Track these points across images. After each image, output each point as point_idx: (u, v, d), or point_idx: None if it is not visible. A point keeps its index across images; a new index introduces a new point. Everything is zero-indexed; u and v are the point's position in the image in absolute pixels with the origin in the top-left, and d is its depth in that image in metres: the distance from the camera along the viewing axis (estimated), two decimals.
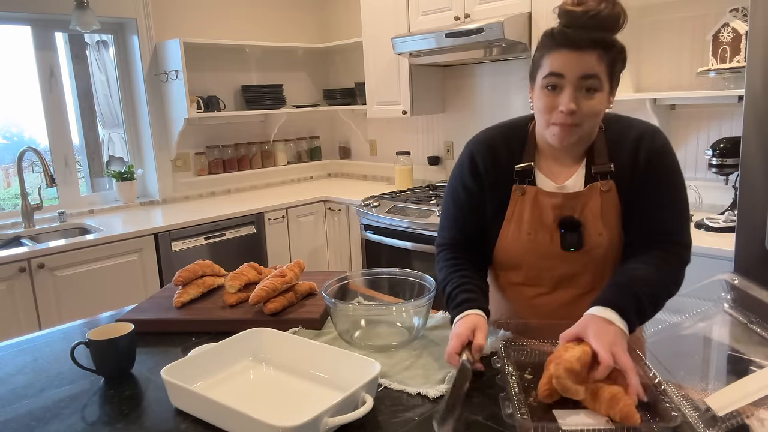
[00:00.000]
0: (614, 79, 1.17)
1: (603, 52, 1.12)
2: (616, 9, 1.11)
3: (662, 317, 1.15)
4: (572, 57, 1.11)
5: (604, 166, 1.21)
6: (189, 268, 1.53)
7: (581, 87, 1.13)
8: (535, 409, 0.95)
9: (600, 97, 1.14)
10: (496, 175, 1.28)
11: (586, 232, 1.22)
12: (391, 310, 1.27)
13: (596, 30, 1.11)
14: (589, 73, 1.11)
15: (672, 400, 0.90)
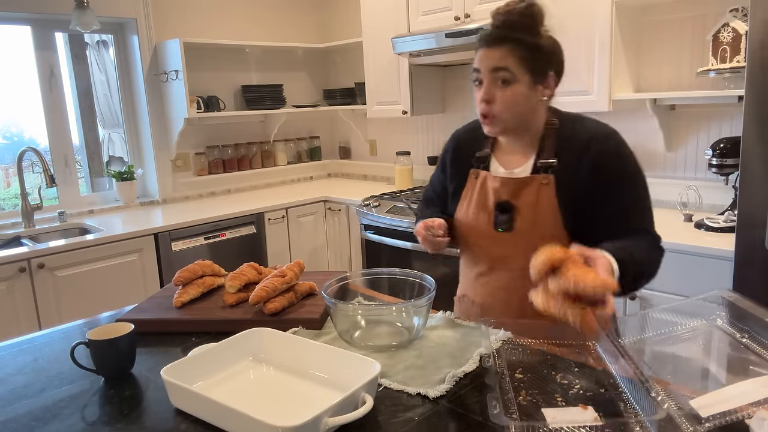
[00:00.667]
0: (536, 72, 1.26)
1: (513, 47, 1.23)
2: (528, 10, 1.24)
3: (657, 327, 1.16)
4: (485, 53, 1.26)
5: (547, 161, 1.31)
6: (189, 268, 1.53)
7: (496, 79, 1.25)
8: (525, 408, 0.95)
9: (515, 89, 1.25)
10: (459, 161, 1.46)
11: (518, 217, 1.31)
12: (391, 310, 1.27)
13: (507, 29, 1.24)
14: (499, 65, 1.24)
15: (657, 396, 0.90)
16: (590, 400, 0.96)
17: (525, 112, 1.29)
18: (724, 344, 1.10)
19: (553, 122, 1.33)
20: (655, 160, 2.72)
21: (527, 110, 1.29)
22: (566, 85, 2.64)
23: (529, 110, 1.30)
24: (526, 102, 1.27)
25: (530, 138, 1.34)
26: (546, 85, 1.30)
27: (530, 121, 1.32)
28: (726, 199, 2.42)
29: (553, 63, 1.31)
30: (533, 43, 1.25)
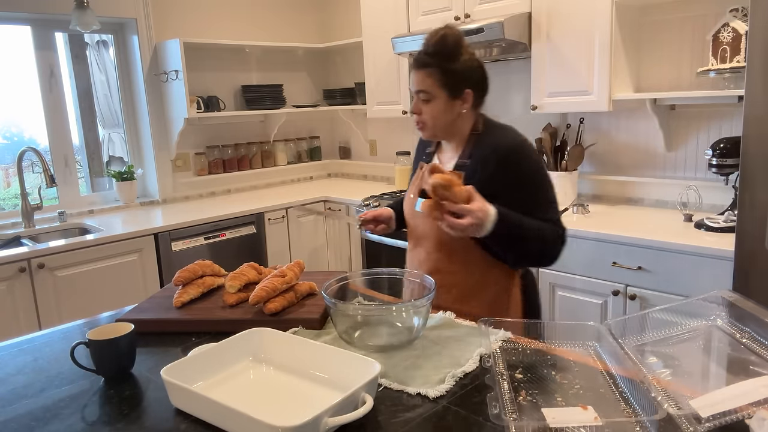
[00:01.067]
0: (452, 90, 1.51)
1: (430, 71, 1.50)
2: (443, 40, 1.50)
3: (658, 327, 1.16)
4: (413, 75, 1.55)
5: (462, 160, 1.57)
6: (189, 268, 1.53)
7: (420, 97, 1.54)
8: (525, 408, 0.95)
9: (435, 104, 1.52)
10: (418, 156, 1.78)
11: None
12: (391, 310, 1.27)
13: (426, 56, 1.51)
14: (419, 88, 1.53)
15: (657, 396, 0.90)
16: (590, 400, 0.96)
17: (447, 121, 1.56)
18: (724, 344, 1.09)
19: (477, 129, 1.59)
20: (655, 160, 2.72)
21: (449, 120, 1.56)
22: (566, 85, 2.67)
23: (451, 120, 1.56)
24: (446, 114, 1.54)
25: (458, 141, 1.61)
26: (464, 100, 1.54)
27: (455, 128, 1.59)
28: (726, 199, 2.42)
29: (469, 81, 1.55)
30: (446, 67, 1.50)
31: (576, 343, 1.17)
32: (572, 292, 2.46)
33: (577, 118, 2.91)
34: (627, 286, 2.28)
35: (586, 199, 2.92)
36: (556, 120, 3.00)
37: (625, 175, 2.83)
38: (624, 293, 2.29)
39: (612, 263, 2.30)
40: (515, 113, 3.21)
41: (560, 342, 1.18)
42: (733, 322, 1.12)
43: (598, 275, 2.36)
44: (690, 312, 1.17)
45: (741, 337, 1.08)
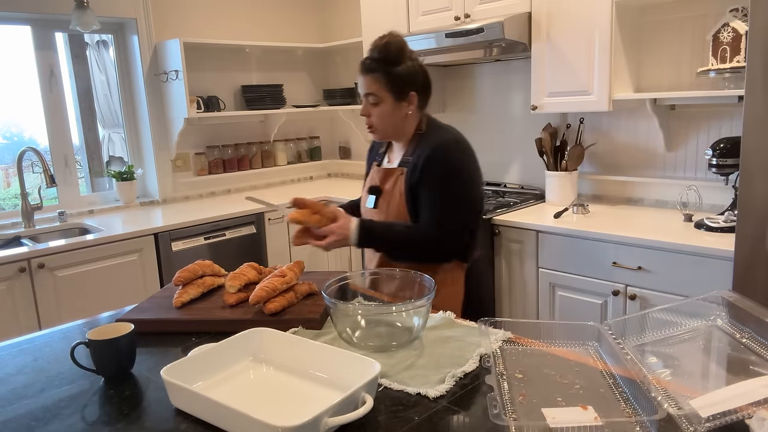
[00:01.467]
0: (397, 93, 1.63)
1: (377, 76, 1.62)
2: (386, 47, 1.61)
3: (658, 327, 1.16)
4: (361, 79, 1.66)
5: (404, 158, 1.70)
6: (189, 268, 1.53)
7: (369, 101, 1.66)
8: (525, 408, 0.95)
9: (383, 107, 1.64)
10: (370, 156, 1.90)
11: (381, 199, 1.73)
12: (391, 310, 1.27)
13: (372, 61, 1.63)
14: (368, 91, 1.65)
15: (657, 396, 0.90)
16: (590, 400, 0.96)
17: (395, 122, 1.68)
18: (724, 344, 1.09)
19: (420, 130, 1.71)
20: (655, 160, 2.72)
21: (396, 121, 1.68)
22: (566, 85, 2.67)
23: (399, 121, 1.68)
24: (393, 116, 1.66)
25: (405, 141, 1.73)
26: (409, 102, 1.66)
27: (402, 128, 1.70)
28: (726, 199, 2.42)
29: (413, 84, 1.65)
30: (391, 71, 1.62)
31: (576, 343, 1.17)
32: (572, 292, 2.47)
33: (577, 118, 2.91)
34: (627, 286, 2.28)
35: (586, 199, 2.92)
36: (556, 120, 3.00)
37: (625, 175, 2.83)
38: (624, 293, 2.29)
39: (612, 263, 2.30)
40: (515, 113, 3.21)
41: (560, 342, 1.18)
42: (733, 322, 1.12)
43: (598, 275, 2.36)
44: (690, 312, 1.17)
45: (741, 337, 1.08)
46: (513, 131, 3.24)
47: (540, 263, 2.55)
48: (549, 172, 2.89)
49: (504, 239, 2.67)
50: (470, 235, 1.70)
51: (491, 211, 2.72)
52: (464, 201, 1.65)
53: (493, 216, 2.68)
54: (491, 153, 3.36)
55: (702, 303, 1.17)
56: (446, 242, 1.65)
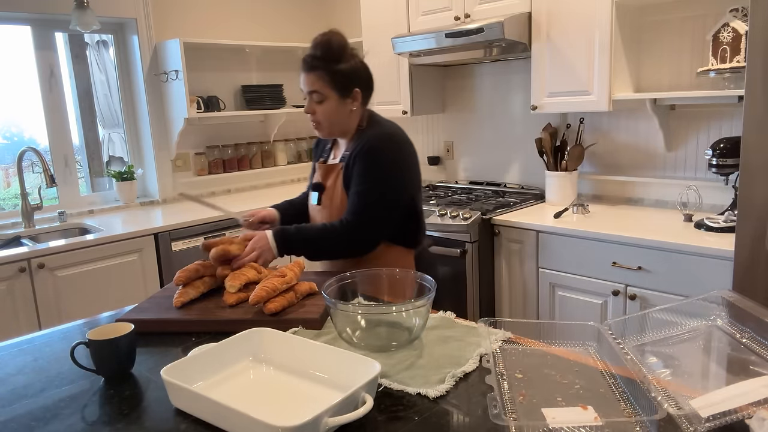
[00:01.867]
0: (341, 90, 1.65)
1: (320, 74, 1.63)
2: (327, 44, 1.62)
3: (658, 327, 1.16)
4: (304, 77, 1.66)
5: (344, 154, 1.74)
6: (190, 268, 1.53)
7: (314, 98, 1.67)
8: (525, 408, 0.95)
9: (328, 104, 1.67)
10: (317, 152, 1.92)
11: (324, 195, 1.76)
12: (391, 310, 1.27)
13: (314, 59, 1.63)
14: (311, 89, 1.66)
15: (657, 396, 0.90)
16: (590, 400, 0.96)
17: (340, 119, 1.71)
18: (724, 344, 1.09)
19: (361, 126, 1.74)
20: (655, 160, 2.72)
21: (342, 118, 1.71)
22: (566, 85, 2.67)
23: (343, 118, 1.71)
24: (338, 113, 1.69)
25: (348, 137, 1.76)
26: (354, 98, 1.68)
27: (347, 125, 1.73)
28: (726, 199, 2.42)
29: (356, 81, 1.67)
30: (335, 68, 1.63)
31: (576, 343, 1.17)
32: (572, 292, 2.47)
33: (577, 118, 2.91)
34: (627, 286, 2.28)
35: (586, 199, 2.92)
36: (556, 120, 3.00)
37: (625, 175, 2.83)
38: (624, 293, 2.29)
39: (612, 263, 2.30)
40: (515, 113, 3.21)
41: (560, 342, 1.18)
42: (733, 322, 1.12)
43: (598, 275, 2.36)
44: (690, 312, 1.17)
45: (741, 337, 1.08)
46: (513, 131, 3.24)
47: (540, 263, 2.55)
48: (549, 172, 2.89)
49: (504, 239, 2.67)
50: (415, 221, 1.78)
51: (491, 211, 2.72)
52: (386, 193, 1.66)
53: (493, 216, 2.69)
54: (491, 153, 3.36)
55: (702, 303, 1.17)
56: (362, 233, 1.66)
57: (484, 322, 1.18)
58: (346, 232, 1.65)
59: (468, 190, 3.33)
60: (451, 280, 2.75)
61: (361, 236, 1.67)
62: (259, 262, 1.56)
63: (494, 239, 2.71)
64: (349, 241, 1.67)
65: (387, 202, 1.67)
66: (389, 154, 1.67)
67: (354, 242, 1.68)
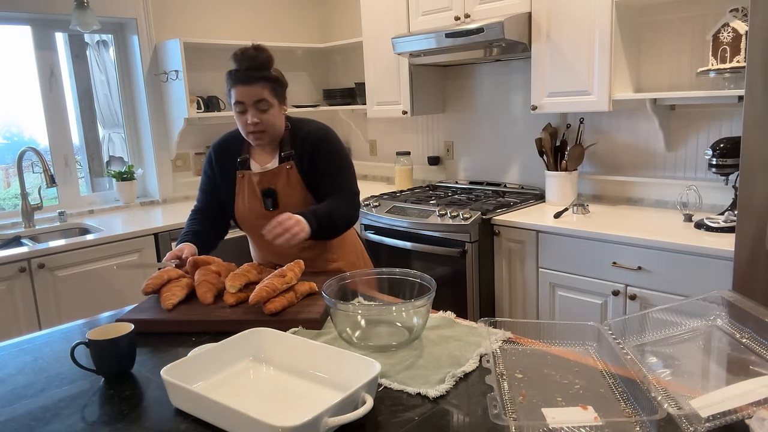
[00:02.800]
0: (280, 96, 1.76)
1: (264, 83, 1.71)
2: (263, 55, 1.74)
3: (659, 327, 1.16)
4: (245, 90, 1.70)
5: (288, 152, 1.80)
6: (155, 275, 1.52)
7: (257, 107, 1.71)
8: (525, 408, 0.95)
9: (272, 111, 1.73)
10: (225, 166, 1.87)
11: (280, 196, 1.79)
12: (391, 310, 1.27)
13: (255, 70, 1.71)
14: (258, 98, 1.70)
15: (657, 396, 0.90)
16: (590, 400, 0.96)
17: (280, 124, 1.78)
18: (724, 344, 1.10)
19: (287, 126, 1.83)
20: (655, 160, 2.72)
21: (280, 123, 1.79)
22: (566, 85, 2.67)
23: (281, 123, 1.79)
24: (279, 119, 1.77)
25: (274, 141, 1.82)
26: (285, 104, 1.80)
27: (281, 129, 1.81)
28: (726, 199, 2.42)
29: (285, 87, 1.79)
30: (274, 77, 1.75)
31: (576, 343, 1.18)
32: (572, 292, 2.47)
33: (577, 118, 2.91)
34: (627, 286, 2.28)
35: (586, 199, 2.92)
36: (556, 120, 3.00)
37: (625, 175, 2.83)
38: (624, 293, 2.29)
39: (612, 263, 2.30)
40: (515, 113, 3.21)
41: (560, 342, 1.18)
42: (733, 322, 1.12)
43: (598, 275, 2.36)
44: (690, 312, 1.17)
45: (741, 337, 1.08)
46: (513, 131, 3.24)
47: (540, 263, 2.55)
48: (549, 172, 2.89)
49: (504, 239, 2.67)
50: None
51: (491, 211, 2.72)
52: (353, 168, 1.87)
53: (493, 216, 2.68)
54: (491, 153, 3.36)
55: (702, 303, 1.17)
56: (359, 206, 1.85)
57: (484, 322, 1.18)
58: (356, 199, 1.82)
59: (468, 190, 3.33)
60: (451, 280, 2.75)
61: (359, 207, 1.85)
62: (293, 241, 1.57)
63: (494, 239, 2.70)
64: (357, 212, 1.82)
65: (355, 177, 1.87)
66: (338, 139, 1.86)
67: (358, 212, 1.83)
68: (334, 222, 1.73)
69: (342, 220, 1.76)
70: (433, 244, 2.78)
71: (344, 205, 1.77)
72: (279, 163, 1.81)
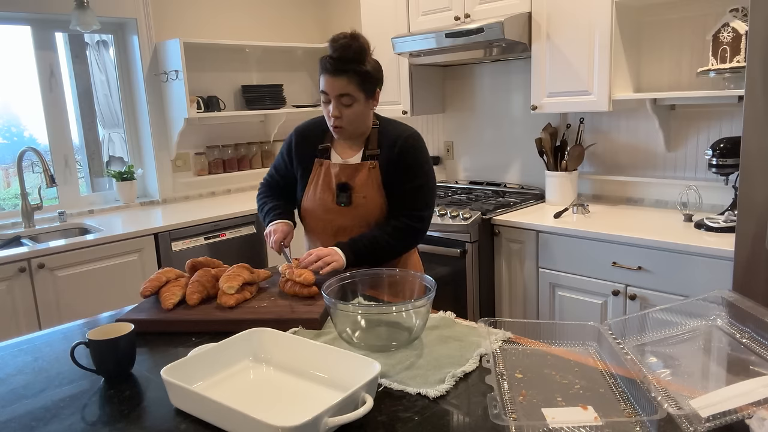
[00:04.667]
0: (368, 91, 1.68)
1: (351, 76, 1.62)
2: (356, 44, 1.61)
3: (659, 326, 1.16)
4: (331, 80, 1.63)
5: (372, 151, 1.75)
6: (154, 278, 1.52)
7: (341, 101, 1.65)
8: (525, 408, 0.95)
9: (356, 107, 1.67)
10: (304, 152, 1.82)
11: (354, 194, 1.74)
12: (391, 310, 1.27)
13: (344, 62, 1.61)
14: (342, 92, 1.63)
15: (657, 396, 0.90)
16: (590, 400, 0.96)
17: (364, 120, 1.73)
18: (724, 344, 1.10)
19: (376, 124, 1.78)
20: (655, 160, 2.72)
21: (365, 119, 1.73)
22: (566, 85, 2.67)
23: (367, 119, 1.74)
24: (364, 114, 1.71)
25: (360, 136, 1.76)
26: (375, 99, 1.72)
27: (366, 125, 1.76)
28: (726, 199, 2.42)
29: (379, 81, 1.72)
30: (364, 71, 1.64)
31: (576, 343, 1.18)
32: (572, 292, 2.47)
33: (577, 118, 2.91)
34: (627, 286, 2.28)
35: (586, 199, 2.92)
36: (556, 120, 3.00)
37: (625, 175, 2.83)
38: (624, 293, 2.29)
39: (612, 263, 2.30)
40: (515, 113, 3.21)
41: (560, 342, 1.18)
42: (733, 322, 1.12)
43: (598, 275, 2.36)
44: (690, 312, 1.17)
45: (741, 337, 1.08)
46: (513, 131, 3.24)
47: (540, 263, 2.55)
48: (549, 172, 2.89)
49: (504, 239, 2.67)
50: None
51: (491, 211, 2.72)
52: (435, 188, 1.80)
53: (493, 216, 2.68)
54: (491, 153, 3.36)
55: (702, 303, 1.17)
56: (425, 229, 1.78)
57: (484, 322, 1.18)
58: (419, 230, 1.74)
59: (468, 190, 3.33)
60: (451, 280, 2.75)
61: (424, 231, 1.78)
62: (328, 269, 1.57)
63: (494, 239, 2.70)
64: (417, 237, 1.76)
65: (435, 195, 1.81)
66: (426, 150, 1.78)
67: (418, 237, 1.77)
68: (375, 250, 1.68)
69: (386, 248, 1.70)
70: (433, 244, 2.78)
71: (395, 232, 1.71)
72: (362, 159, 1.75)
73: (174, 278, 1.54)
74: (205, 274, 1.53)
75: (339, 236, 1.76)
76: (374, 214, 1.75)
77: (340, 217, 1.76)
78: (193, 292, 1.47)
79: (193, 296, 1.46)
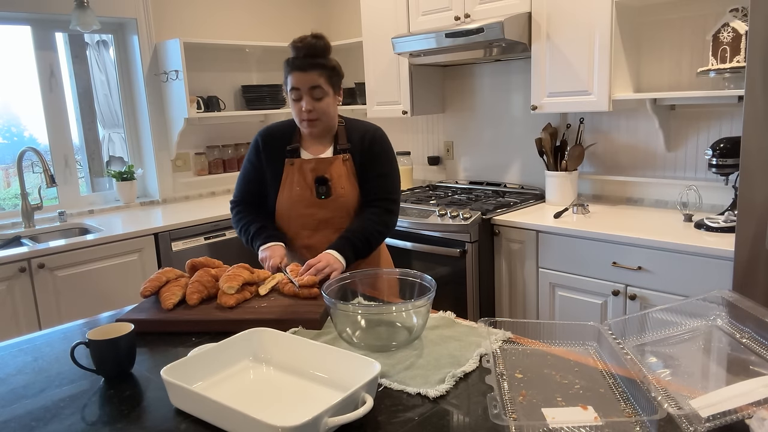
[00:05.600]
0: (335, 86, 1.78)
1: (321, 70, 1.72)
2: (320, 42, 1.72)
3: (659, 326, 1.16)
4: (302, 76, 1.71)
5: (344, 145, 1.84)
6: (154, 278, 1.53)
7: (312, 95, 1.72)
8: (525, 408, 0.95)
9: (326, 100, 1.75)
10: (272, 154, 1.86)
11: (332, 185, 1.81)
12: (391, 310, 1.27)
13: (313, 57, 1.72)
14: (314, 85, 1.71)
15: (657, 396, 0.90)
16: (590, 400, 0.96)
17: (334, 114, 1.82)
18: (724, 344, 1.10)
19: (341, 121, 1.88)
20: (655, 160, 2.72)
21: (334, 113, 1.82)
22: (566, 85, 2.67)
23: (335, 113, 1.83)
24: (333, 108, 1.79)
25: (328, 132, 1.85)
26: (340, 95, 1.82)
27: (334, 120, 1.84)
28: (726, 199, 2.42)
29: (341, 78, 1.81)
30: (332, 66, 1.76)
31: (576, 343, 1.18)
32: (572, 292, 2.47)
33: (577, 118, 2.91)
34: (627, 286, 2.28)
35: (586, 199, 2.92)
36: (556, 120, 3.00)
37: (625, 175, 2.83)
38: (624, 293, 2.29)
39: (612, 263, 2.30)
40: (515, 113, 3.21)
41: (560, 342, 1.18)
42: (733, 322, 1.12)
43: (598, 275, 2.36)
44: (690, 312, 1.17)
45: (741, 337, 1.08)
46: (513, 131, 3.24)
47: (540, 263, 2.55)
48: (549, 172, 2.89)
49: (504, 239, 2.67)
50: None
51: (491, 211, 2.72)
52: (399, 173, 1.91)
53: (493, 216, 2.68)
54: (491, 153, 3.36)
55: (702, 303, 1.17)
56: (398, 213, 1.88)
57: (484, 322, 1.18)
58: (395, 213, 1.85)
59: (468, 190, 3.33)
60: (451, 280, 2.75)
61: (397, 215, 1.87)
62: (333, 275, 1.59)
63: (494, 239, 2.70)
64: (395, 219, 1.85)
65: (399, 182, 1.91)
66: (389, 142, 1.90)
67: (394, 222, 1.85)
68: (369, 241, 1.76)
69: (377, 236, 1.78)
70: (433, 244, 2.78)
71: (380, 219, 1.80)
72: (334, 153, 1.84)
73: (174, 278, 1.54)
74: (205, 274, 1.53)
75: (321, 228, 1.83)
76: (353, 204, 1.84)
77: (321, 210, 1.82)
78: (193, 292, 1.47)
79: (193, 296, 1.46)
